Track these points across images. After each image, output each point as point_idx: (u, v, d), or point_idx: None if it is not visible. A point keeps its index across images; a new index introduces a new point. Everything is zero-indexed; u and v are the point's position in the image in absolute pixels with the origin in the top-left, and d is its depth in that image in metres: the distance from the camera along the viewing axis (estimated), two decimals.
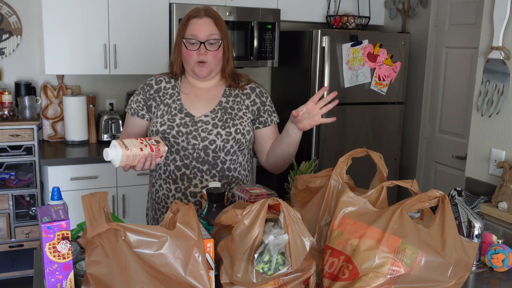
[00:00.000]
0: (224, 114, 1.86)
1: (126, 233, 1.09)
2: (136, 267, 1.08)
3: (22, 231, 3.10)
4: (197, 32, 1.80)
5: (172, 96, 1.89)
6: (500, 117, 2.19)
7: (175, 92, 1.90)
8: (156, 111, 1.88)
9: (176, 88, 1.91)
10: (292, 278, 1.17)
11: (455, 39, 3.38)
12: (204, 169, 1.84)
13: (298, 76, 3.61)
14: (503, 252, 1.51)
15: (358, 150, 1.46)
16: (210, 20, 1.83)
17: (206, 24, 1.81)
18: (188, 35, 1.81)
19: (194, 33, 1.80)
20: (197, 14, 1.83)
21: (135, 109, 1.92)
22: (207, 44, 1.81)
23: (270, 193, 1.58)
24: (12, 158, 3.04)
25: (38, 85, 3.44)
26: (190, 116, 1.84)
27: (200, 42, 1.80)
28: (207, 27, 1.81)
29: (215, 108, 1.86)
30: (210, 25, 1.82)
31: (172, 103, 1.87)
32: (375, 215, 1.23)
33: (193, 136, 1.82)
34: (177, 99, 1.88)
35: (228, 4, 3.44)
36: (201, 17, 1.82)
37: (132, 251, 1.09)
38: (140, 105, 1.91)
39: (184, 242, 1.10)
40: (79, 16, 3.13)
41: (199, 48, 1.81)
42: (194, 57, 1.82)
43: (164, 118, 1.84)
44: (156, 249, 1.09)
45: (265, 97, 1.97)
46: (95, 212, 1.10)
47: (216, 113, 1.86)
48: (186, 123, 1.83)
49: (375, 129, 3.63)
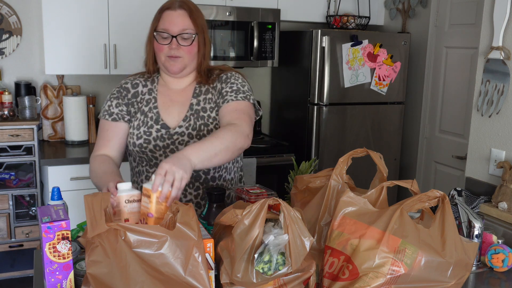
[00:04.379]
0: (197, 120, 1.76)
1: (126, 233, 1.09)
2: (136, 267, 1.08)
3: (22, 231, 3.10)
4: (169, 26, 1.69)
5: (148, 103, 1.79)
6: (500, 117, 2.19)
7: (152, 98, 1.80)
8: (133, 120, 1.79)
9: (152, 93, 1.81)
10: (292, 278, 1.17)
11: (455, 39, 3.38)
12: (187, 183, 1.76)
13: (298, 76, 3.61)
14: (503, 252, 1.51)
15: (358, 150, 1.46)
16: (185, 13, 1.70)
17: (180, 17, 1.69)
18: (160, 29, 1.71)
19: (166, 26, 1.70)
20: (170, 6, 1.71)
21: (118, 114, 1.79)
22: (179, 39, 1.70)
23: (270, 193, 1.58)
24: (12, 158, 3.03)
25: (38, 85, 3.44)
26: (166, 128, 1.75)
27: (172, 36, 1.69)
28: (180, 20, 1.69)
29: (187, 115, 1.76)
30: (184, 18, 1.70)
31: (149, 112, 1.78)
32: (375, 215, 1.23)
33: (171, 150, 1.74)
34: (154, 107, 1.78)
35: (228, 4, 3.44)
36: (175, 9, 1.70)
37: (132, 251, 1.09)
38: (124, 110, 1.79)
39: (184, 242, 1.10)
40: (79, 16, 3.13)
41: (171, 43, 1.70)
42: (165, 51, 1.72)
43: (140, 130, 1.76)
44: (156, 249, 1.09)
45: (229, 82, 1.78)
46: (96, 212, 1.10)
47: (189, 121, 1.76)
48: (162, 136, 1.75)
49: (375, 129, 3.63)
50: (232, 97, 1.73)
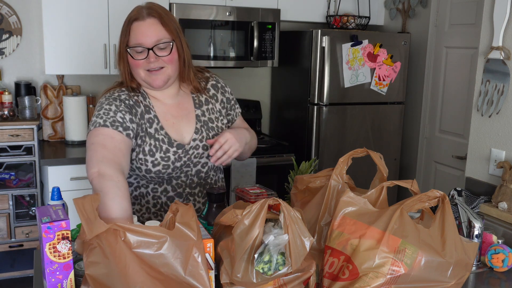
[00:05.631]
0: (208, 132, 1.70)
1: (126, 234, 1.09)
2: (136, 268, 1.08)
3: (22, 231, 3.10)
4: (142, 38, 1.54)
5: (152, 123, 1.63)
6: (500, 117, 2.19)
7: (153, 118, 1.63)
8: (142, 144, 1.61)
9: (151, 111, 1.64)
10: (292, 278, 1.17)
11: (455, 39, 3.38)
12: (196, 192, 1.73)
13: (298, 76, 3.61)
14: (503, 252, 1.51)
15: (358, 150, 1.46)
16: (155, 21, 1.56)
17: (152, 27, 1.55)
18: (132, 44, 1.55)
19: (138, 40, 1.54)
20: (138, 16, 1.56)
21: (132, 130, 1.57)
22: (156, 50, 1.55)
23: (270, 193, 1.59)
24: (12, 158, 3.03)
25: (38, 85, 3.44)
26: (181, 148, 1.64)
27: (148, 49, 1.54)
28: (152, 31, 1.54)
29: (197, 128, 1.68)
30: (156, 28, 1.55)
31: (156, 134, 1.62)
32: (375, 215, 1.23)
33: (187, 165, 1.67)
34: (160, 128, 1.63)
35: (228, 4, 3.44)
36: (144, 19, 1.55)
37: (132, 251, 1.09)
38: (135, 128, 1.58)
39: (183, 243, 1.10)
40: (79, 16, 3.13)
41: (148, 56, 1.55)
42: (143, 66, 1.57)
43: (156, 157, 1.61)
44: (156, 249, 1.09)
45: (227, 91, 1.79)
46: (89, 213, 1.09)
47: (201, 133, 1.69)
48: (179, 157, 1.64)
49: (375, 129, 3.63)
50: (238, 111, 1.85)
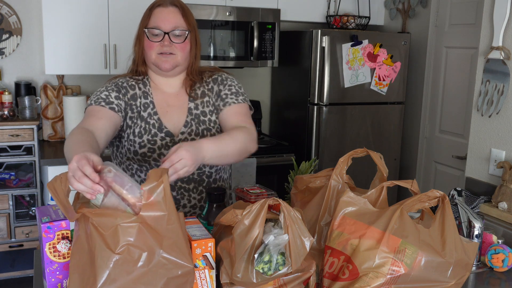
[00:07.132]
0: (198, 125, 1.71)
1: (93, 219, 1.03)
2: (102, 248, 1.02)
3: (22, 231, 3.10)
4: (161, 23, 1.63)
5: (146, 108, 1.69)
6: (500, 117, 2.19)
7: (149, 103, 1.70)
8: (132, 125, 1.68)
9: (148, 97, 1.71)
10: (292, 278, 1.17)
11: (455, 39, 3.38)
12: (190, 187, 1.72)
13: (298, 76, 3.61)
14: (503, 252, 1.51)
15: (358, 150, 1.46)
16: (177, 10, 1.66)
17: (172, 14, 1.64)
18: (151, 26, 1.65)
19: (157, 23, 1.64)
20: (162, 3, 1.66)
21: (117, 105, 1.63)
22: (171, 36, 1.64)
23: (270, 193, 1.59)
24: (12, 158, 3.04)
25: (38, 85, 3.44)
26: (170, 136, 1.68)
27: (164, 33, 1.63)
28: (172, 17, 1.64)
29: (187, 121, 1.71)
30: (176, 15, 1.65)
31: (149, 118, 1.68)
32: (375, 215, 1.22)
33: None
34: (153, 113, 1.69)
35: (228, 4, 3.44)
36: (166, 6, 1.65)
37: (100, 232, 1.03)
38: (122, 105, 1.66)
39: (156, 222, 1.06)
40: (79, 16, 3.13)
41: (163, 39, 1.64)
42: (156, 49, 1.65)
43: (143, 139, 1.66)
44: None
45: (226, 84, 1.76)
46: (62, 199, 1.04)
47: (191, 126, 1.71)
48: (167, 144, 1.67)
49: (375, 129, 3.63)
50: (233, 100, 1.72)
